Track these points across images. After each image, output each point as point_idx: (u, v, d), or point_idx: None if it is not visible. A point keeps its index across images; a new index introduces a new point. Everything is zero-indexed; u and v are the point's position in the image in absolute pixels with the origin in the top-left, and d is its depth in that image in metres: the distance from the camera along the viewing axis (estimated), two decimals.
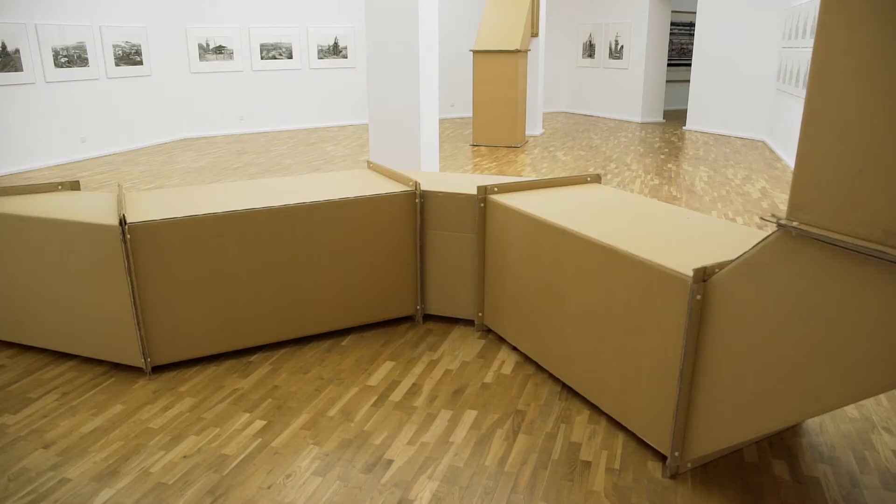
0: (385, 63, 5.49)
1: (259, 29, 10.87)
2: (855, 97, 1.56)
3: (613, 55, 12.78)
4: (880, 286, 1.58)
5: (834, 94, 1.60)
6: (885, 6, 1.47)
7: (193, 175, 7.56)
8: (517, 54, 9.16)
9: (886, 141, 1.51)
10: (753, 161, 8.44)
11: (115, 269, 2.80)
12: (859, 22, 1.53)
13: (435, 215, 3.35)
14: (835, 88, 1.60)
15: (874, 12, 1.50)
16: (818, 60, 1.63)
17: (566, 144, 9.72)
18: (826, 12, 1.60)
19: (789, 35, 8.94)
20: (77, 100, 8.66)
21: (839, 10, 1.57)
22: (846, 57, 1.57)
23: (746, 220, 5.57)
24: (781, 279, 1.81)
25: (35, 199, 3.19)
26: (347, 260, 3.25)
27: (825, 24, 1.61)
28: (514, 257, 3.03)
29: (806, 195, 1.70)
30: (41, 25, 8.07)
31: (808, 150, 1.68)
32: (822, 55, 1.62)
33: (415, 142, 5.53)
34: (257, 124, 11.19)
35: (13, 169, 7.85)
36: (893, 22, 1.46)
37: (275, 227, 3.04)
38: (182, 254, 2.88)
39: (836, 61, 1.59)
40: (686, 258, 2.21)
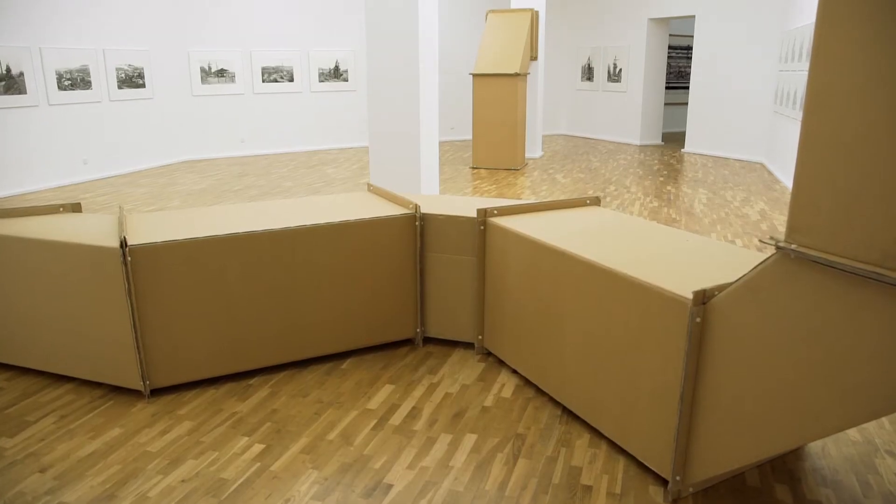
0: (385, 86, 5.54)
1: (260, 52, 10.97)
2: (851, 120, 1.57)
3: (612, 78, 12.88)
4: (879, 308, 1.58)
5: (830, 117, 1.62)
6: (880, 29, 1.49)
7: (194, 197, 7.59)
8: (516, 77, 9.24)
9: (883, 163, 1.52)
10: (752, 183, 8.47)
11: (115, 292, 2.80)
12: (855, 45, 1.55)
13: (435, 238, 3.36)
14: (831, 111, 1.61)
15: (870, 36, 1.52)
16: (814, 84, 1.65)
17: (565, 167, 9.77)
18: (821, 36, 1.62)
19: (786, 58, 9.02)
20: (79, 122, 8.72)
21: (835, 34, 1.59)
22: (842, 80, 1.58)
23: (746, 242, 5.58)
24: (781, 301, 1.81)
25: (36, 221, 3.20)
26: (347, 283, 3.25)
27: (820, 48, 1.63)
28: (513, 280, 3.03)
29: (804, 217, 1.71)
30: (46, 49, 8.15)
31: (805, 173, 1.69)
32: (818, 79, 1.64)
33: (415, 164, 5.56)
34: (258, 147, 11.25)
35: (15, 190, 7.88)
36: (889, 44, 1.48)
37: (275, 249, 3.05)
38: (182, 276, 2.88)
39: (831, 84, 1.61)
40: (685, 281, 2.22)
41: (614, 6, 12.70)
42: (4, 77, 7.70)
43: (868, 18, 1.52)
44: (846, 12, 1.56)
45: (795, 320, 1.78)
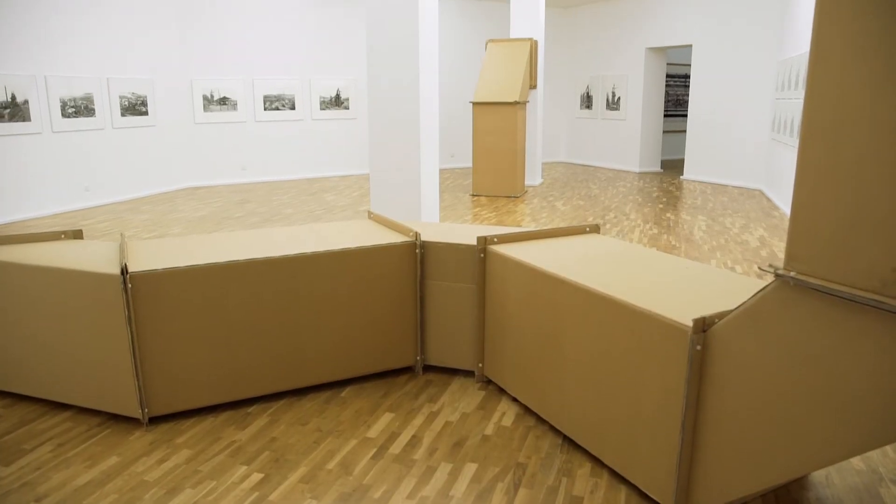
0: (386, 114, 5.59)
1: (263, 80, 11.09)
2: (846, 149, 1.59)
3: (611, 106, 13.00)
4: (878, 336, 1.58)
5: (826, 146, 1.63)
6: (872, 60, 1.51)
7: (195, 224, 7.61)
8: (516, 106, 9.32)
9: (879, 191, 1.53)
10: (751, 210, 8.50)
11: (115, 319, 2.80)
12: (848, 76, 1.57)
13: (435, 266, 3.37)
14: (826, 141, 1.63)
15: (863, 66, 1.54)
16: (809, 113, 1.67)
17: (565, 194, 9.81)
18: (816, 67, 1.65)
19: (782, 86, 9.12)
20: (82, 149, 8.78)
21: (828, 64, 1.61)
22: (836, 110, 1.60)
23: (745, 268, 5.59)
24: (781, 329, 1.81)
25: (37, 248, 3.21)
26: (347, 310, 3.25)
27: (815, 79, 1.65)
28: (514, 308, 3.03)
29: (802, 245, 1.72)
30: (51, 77, 8.25)
31: (802, 201, 1.71)
32: (813, 108, 1.66)
33: (415, 192, 5.59)
34: (259, 174, 11.31)
35: (16, 216, 7.91)
36: (882, 74, 1.50)
37: (275, 277, 3.05)
38: (182, 303, 2.88)
39: (826, 114, 1.63)
40: (686, 308, 2.22)
41: (613, 36, 12.87)
42: (9, 105, 7.77)
43: (861, 50, 1.54)
44: (839, 44, 1.59)
45: (796, 348, 1.78)
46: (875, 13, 1.51)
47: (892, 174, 1.51)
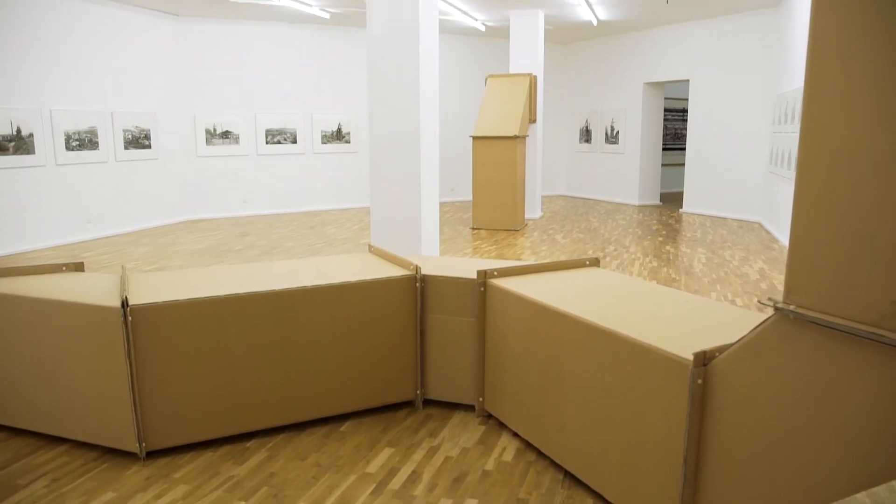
0: (387, 148, 5.64)
1: (265, 114, 11.21)
2: (843, 182, 1.60)
3: (609, 140, 13.12)
4: (878, 368, 1.58)
5: (822, 180, 1.65)
6: (866, 93, 1.54)
7: (195, 257, 7.63)
8: (516, 140, 9.41)
9: (876, 225, 1.54)
10: (750, 242, 8.52)
11: (114, 352, 2.79)
12: (842, 109, 1.59)
13: (435, 299, 3.37)
14: (823, 174, 1.65)
15: (857, 100, 1.56)
16: (805, 147, 1.69)
17: (565, 227, 9.85)
18: (810, 101, 1.67)
19: (779, 120, 9.21)
20: (85, 182, 8.84)
21: (822, 99, 1.64)
22: (831, 143, 1.62)
23: (746, 301, 5.58)
24: (781, 362, 1.81)
25: (38, 280, 3.21)
26: (347, 344, 3.24)
27: (810, 112, 1.67)
28: (514, 342, 3.02)
29: (801, 278, 1.73)
30: (56, 111, 8.35)
31: (800, 234, 1.72)
32: (809, 142, 1.68)
33: (415, 226, 5.61)
34: (260, 207, 11.37)
35: (17, 248, 7.93)
36: (876, 107, 1.52)
37: (275, 310, 3.05)
38: (182, 337, 2.88)
39: (821, 148, 1.65)
40: (686, 342, 2.21)
41: (611, 71, 13.04)
42: (14, 138, 7.85)
43: (854, 84, 1.57)
44: (833, 78, 1.61)
45: (797, 381, 1.77)
46: (868, 48, 1.54)
47: (888, 207, 1.52)
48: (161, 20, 10.06)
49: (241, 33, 10.89)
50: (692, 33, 11.36)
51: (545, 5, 9.98)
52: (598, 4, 9.90)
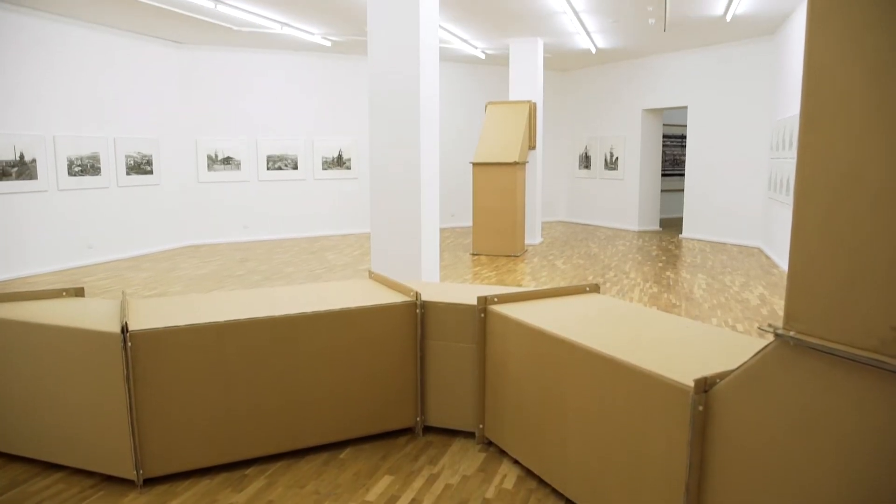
0: (387, 174, 5.67)
1: (266, 141, 11.29)
2: (840, 208, 1.61)
3: (609, 166, 13.19)
4: (879, 395, 1.57)
5: (820, 206, 1.66)
6: (861, 122, 1.56)
7: (196, 282, 7.63)
8: (515, 166, 9.46)
9: (874, 250, 1.55)
10: (750, 268, 8.53)
11: (113, 377, 2.78)
12: (838, 138, 1.61)
13: (435, 325, 3.36)
14: (820, 200, 1.66)
15: (852, 129, 1.58)
16: (802, 175, 1.70)
17: (565, 253, 9.86)
18: (806, 130, 1.69)
19: (776, 146, 9.27)
20: (86, 207, 8.88)
21: (818, 128, 1.66)
22: (829, 171, 1.64)
23: (747, 326, 5.57)
24: (782, 389, 1.80)
25: (38, 305, 3.21)
26: (347, 370, 3.23)
27: (806, 139, 1.69)
28: (514, 368, 3.01)
29: (800, 305, 1.73)
30: (59, 137, 8.41)
31: (799, 261, 1.72)
32: (805, 169, 1.70)
33: (416, 252, 5.62)
34: (261, 232, 11.39)
35: (18, 273, 7.93)
36: (871, 136, 1.54)
37: (275, 336, 3.05)
38: (182, 362, 2.87)
39: (819, 175, 1.66)
40: (687, 368, 2.21)
41: (610, 98, 13.16)
42: (17, 163, 7.90)
43: (849, 111, 1.58)
44: (829, 107, 1.63)
45: (798, 408, 1.76)
46: (862, 75, 1.56)
47: (886, 233, 1.53)
48: (164, 48, 10.18)
49: (243, 61, 11.02)
50: (690, 61, 11.48)
51: (544, 34, 10.10)
52: (596, 33, 10.02)
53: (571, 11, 8.46)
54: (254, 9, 8.29)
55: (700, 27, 9.57)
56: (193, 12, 8.23)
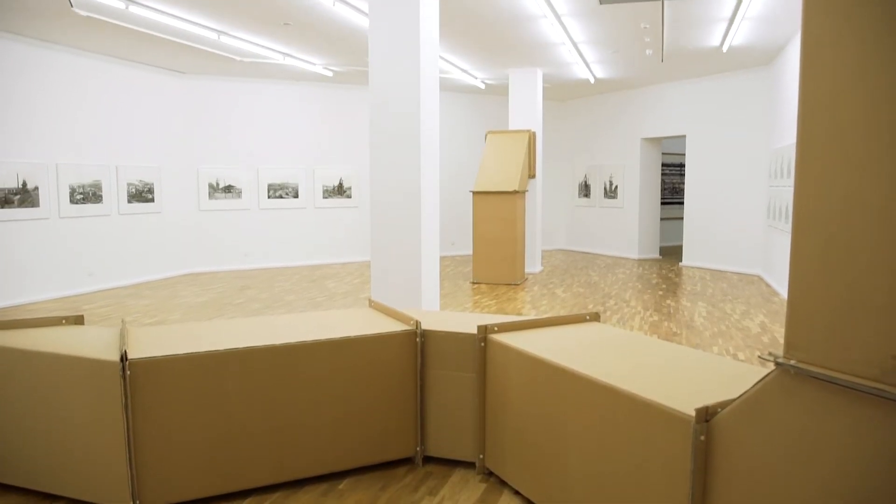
0: (388, 203, 5.69)
1: (267, 169, 11.36)
2: (838, 237, 1.62)
3: (608, 195, 13.25)
4: (881, 424, 1.56)
5: (818, 235, 1.67)
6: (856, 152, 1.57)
7: (196, 310, 7.62)
8: (515, 195, 9.51)
9: (873, 278, 1.56)
10: (751, 296, 8.52)
11: (111, 406, 2.76)
12: (835, 168, 1.63)
13: (435, 354, 3.35)
14: (818, 229, 1.67)
15: (848, 158, 1.60)
16: (800, 205, 1.72)
17: (565, 281, 9.86)
18: (802, 160, 1.71)
19: (775, 174, 9.33)
20: (88, 235, 8.90)
21: (814, 158, 1.67)
22: (826, 200, 1.65)
23: (748, 355, 5.55)
24: (784, 418, 1.79)
25: (37, 333, 3.21)
26: (347, 399, 3.21)
27: (803, 171, 1.71)
28: (515, 398, 3.00)
29: (800, 333, 1.73)
30: (62, 165, 8.47)
31: (798, 290, 1.73)
32: (803, 199, 1.71)
33: (416, 280, 5.62)
34: (262, 260, 11.41)
35: (18, 300, 7.93)
36: (867, 166, 1.56)
37: (275, 365, 3.04)
38: (180, 391, 2.86)
39: (816, 204, 1.67)
40: (688, 397, 2.20)
41: (609, 127, 13.27)
42: (20, 191, 7.94)
43: (845, 141, 1.60)
44: (824, 137, 1.65)
45: (800, 437, 1.75)
46: (856, 106, 1.58)
47: (884, 262, 1.54)
48: (167, 77, 10.30)
49: (244, 90, 11.14)
50: (687, 90, 11.60)
51: (543, 64, 10.22)
52: (595, 63, 10.14)
53: (570, 42, 8.58)
54: (256, 40, 8.40)
55: (697, 58, 9.69)
56: (197, 43, 8.34)
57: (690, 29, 7.98)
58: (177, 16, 7.14)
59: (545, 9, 6.94)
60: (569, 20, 7.56)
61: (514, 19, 7.50)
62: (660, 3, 6.78)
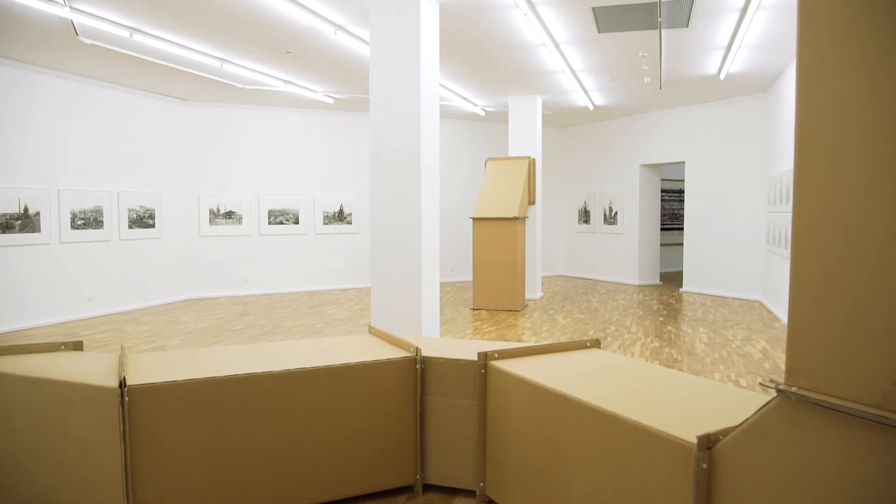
0: (388, 229, 5.71)
1: (268, 196, 11.41)
2: (837, 265, 1.62)
3: (608, 221, 13.28)
4: (883, 451, 1.55)
5: (817, 261, 1.67)
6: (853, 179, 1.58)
7: (195, 336, 7.59)
8: (515, 221, 9.53)
9: (872, 304, 1.55)
10: (752, 322, 8.49)
11: (108, 433, 2.74)
12: (832, 195, 1.63)
13: (435, 381, 3.34)
14: (817, 255, 1.67)
15: (845, 187, 1.60)
16: (798, 232, 1.72)
17: (565, 307, 9.84)
18: (800, 187, 1.72)
19: (773, 200, 9.36)
20: (88, 260, 8.92)
21: (813, 185, 1.68)
22: (824, 228, 1.66)
23: (750, 381, 5.52)
24: (786, 445, 1.78)
25: (36, 359, 3.19)
26: (346, 427, 3.19)
27: (801, 198, 1.71)
28: (515, 425, 2.97)
29: (801, 360, 1.72)
30: (63, 190, 8.51)
31: (798, 316, 1.73)
32: (801, 226, 1.71)
33: (416, 306, 5.62)
34: (261, 286, 11.40)
35: (17, 325, 7.91)
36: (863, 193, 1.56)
37: (274, 392, 3.02)
38: (179, 418, 2.84)
39: (814, 232, 1.68)
40: (690, 424, 2.18)
41: (608, 154, 13.35)
42: (21, 216, 7.97)
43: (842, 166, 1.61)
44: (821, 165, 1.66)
45: (803, 465, 1.74)
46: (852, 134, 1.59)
47: (883, 288, 1.54)
48: (170, 104, 10.39)
49: (246, 117, 11.23)
50: (686, 117, 11.70)
51: (543, 91, 10.32)
52: (594, 91, 10.24)
53: (569, 70, 8.67)
54: (259, 67, 8.49)
55: (695, 85, 9.79)
56: (200, 70, 8.43)
57: (688, 57, 8.07)
58: (180, 44, 7.23)
59: (544, 37, 7.03)
60: (568, 48, 7.65)
61: (513, 47, 7.59)
62: (657, 32, 6.87)
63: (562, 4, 6.07)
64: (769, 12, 6.28)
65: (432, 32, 5.78)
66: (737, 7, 6.16)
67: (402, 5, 5.55)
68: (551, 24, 6.70)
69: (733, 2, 6.02)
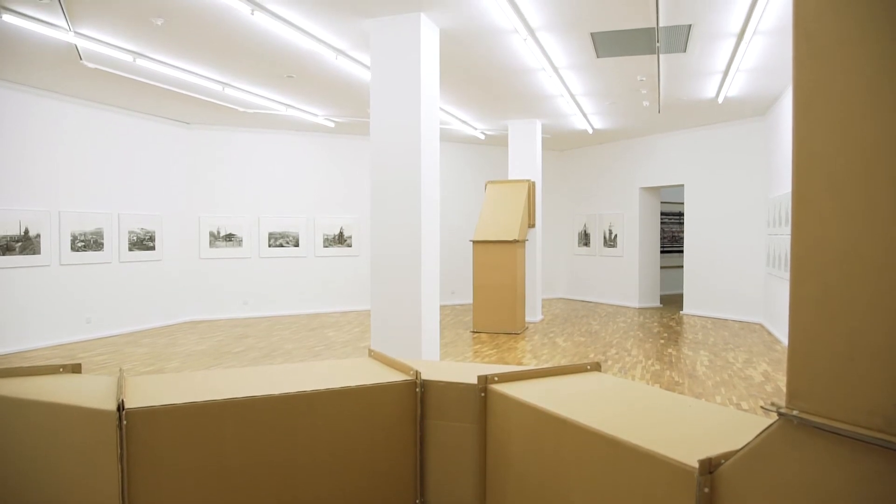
0: (388, 252, 5.72)
1: (268, 218, 11.44)
2: (836, 287, 1.62)
3: (608, 243, 13.30)
4: (886, 474, 1.54)
5: (816, 283, 1.67)
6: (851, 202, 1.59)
7: (194, 358, 7.56)
8: (515, 244, 9.55)
9: (873, 326, 1.55)
10: (753, 344, 8.47)
11: (106, 456, 2.72)
12: (831, 218, 1.64)
13: (435, 405, 3.32)
14: (816, 277, 1.67)
15: (844, 210, 1.61)
16: (797, 255, 1.73)
17: (566, 330, 9.81)
18: (799, 211, 1.72)
19: (773, 223, 9.38)
20: (87, 282, 8.91)
21: (811, 208, 1.69)
22: (823, 251, 1.66)
23: (751, 404, 5.49)
24: (788, 469, 1.77)
25: (34, 381, 3.18)
26: (345, 450, 3.16)
27: (800, 221, 1.72)
28: (516, 449, 2.95)
29: (802, 383, 1.71)
30: (64, 213, 8.53)
31: (797, 338, 1.72)
32: (800, 250, 1.72)
33: (416, 329, 5.60)
34: (261, 309, 11.38)
35: (18, 347, 7.89)
36: (861, 216, 1.57)
37: (273, 415, 3.00)
38: (177, 441, 2.82)
39: (813, 255, 1.68)
40: (691, 448, 2.17)
41: (607, 176, 13.41)
42: (21, 238, 7.98)
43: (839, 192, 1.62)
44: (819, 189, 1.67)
45: (805, 488, 1.72)
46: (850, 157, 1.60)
47: (883, 310, 1.54)
48: (171, 127, 10.46)
49: (247, 140, 11.30)
50: (684, 140, 11.77)
51: (542, 115, 10.39)
52: (593, 114, 10.32)
53: (568, 94, 8.74)
54: (260, 91, 8.56)
55: (693, 108, 9.86)
56: (201, 94, 8.50)
57: (686, 81, 8.14)
58: (183, 68, 7.29)
59: (543, 62, 7.09)
60: (567, 73, 7.72)
61: (512, 72, 7.66)
62: (655, 57, 6.94)
63: (561, 30, 6.14)
64: (766, 37, 6.35)
65: (433, 57, 5.84)
66: (734, 32, 6.23)
67: (403, 30, 5.62)
68: (550, 49, 6.77)
69: (730, 27, 6.09)
